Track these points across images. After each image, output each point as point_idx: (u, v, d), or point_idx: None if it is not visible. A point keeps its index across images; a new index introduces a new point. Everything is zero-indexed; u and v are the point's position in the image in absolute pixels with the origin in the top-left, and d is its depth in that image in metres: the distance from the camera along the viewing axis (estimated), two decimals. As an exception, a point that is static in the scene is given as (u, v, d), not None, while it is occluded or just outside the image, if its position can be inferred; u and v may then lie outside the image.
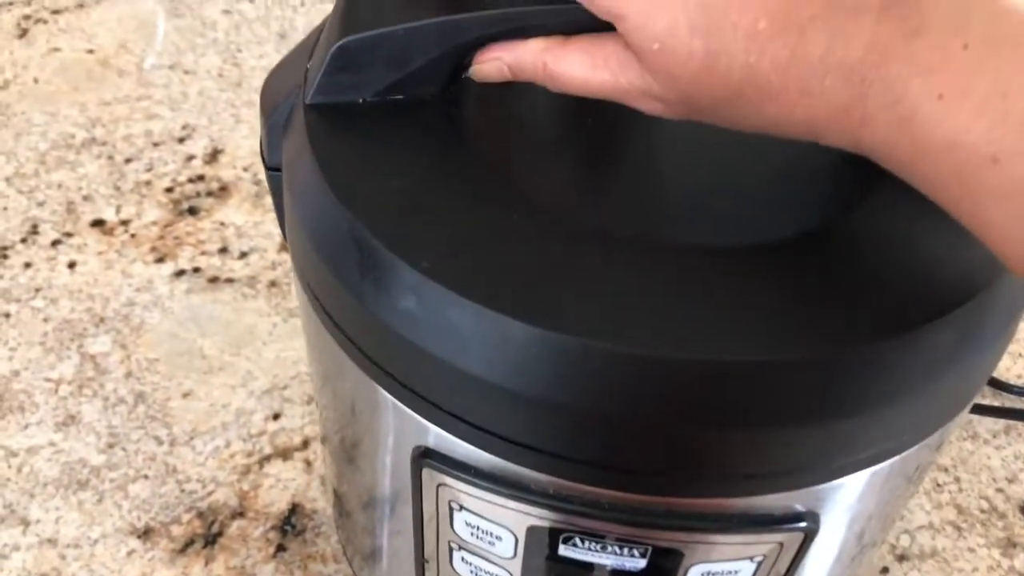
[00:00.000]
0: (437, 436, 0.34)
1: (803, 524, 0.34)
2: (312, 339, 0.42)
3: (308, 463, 0.62)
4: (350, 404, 0.40)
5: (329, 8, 1.08)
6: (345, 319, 0.36)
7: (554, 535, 0.35)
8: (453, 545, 0.38)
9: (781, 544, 0.35)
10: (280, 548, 0.58)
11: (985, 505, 0.62)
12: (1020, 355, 0.72)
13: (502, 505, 0.34)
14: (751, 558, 0.35)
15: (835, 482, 0.35)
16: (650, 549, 0.34)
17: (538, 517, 0.34)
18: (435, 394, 0.33)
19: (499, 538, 0.36)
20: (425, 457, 0.35)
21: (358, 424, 0.40)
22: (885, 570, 0.59)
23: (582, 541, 0.34)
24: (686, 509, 0.33)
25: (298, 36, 1.00)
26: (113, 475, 0.61)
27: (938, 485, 0.63)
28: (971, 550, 0.60)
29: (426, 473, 0.35)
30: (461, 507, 0.36)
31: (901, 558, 0.60)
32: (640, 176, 0.38)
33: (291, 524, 0.59)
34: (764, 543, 0.34)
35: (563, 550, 0.35)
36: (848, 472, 0.34)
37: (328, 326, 0.37)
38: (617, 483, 0.33)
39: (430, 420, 0.34)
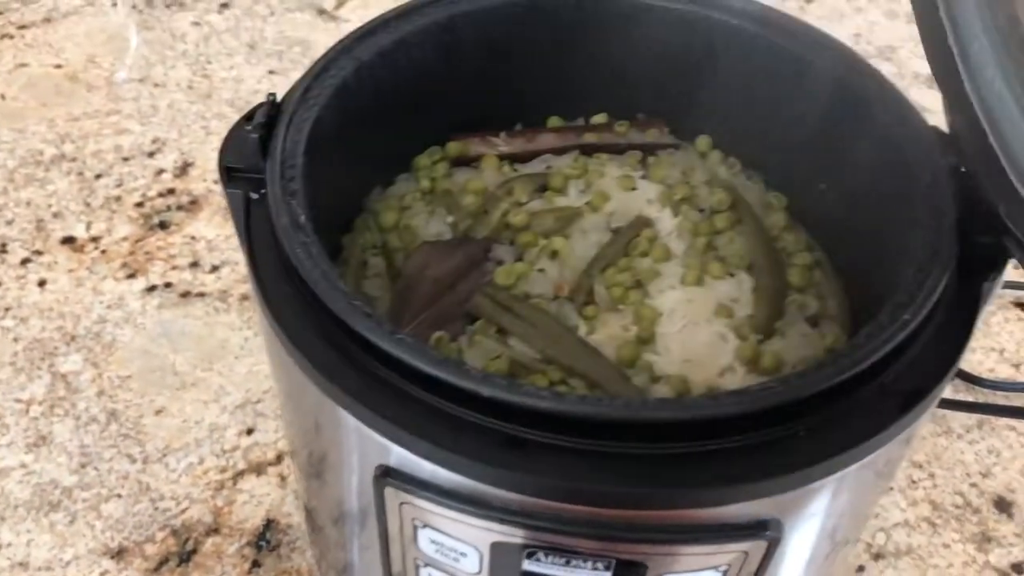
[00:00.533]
0: (398, 455, 0.34)
1: (767, 532, 0.34)
2: (273, 356, 0.41)
3: (282, 478, 0.62)
4: (313, 421, 0.39)
5: (299, 17, 1.07)
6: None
7: (518, 551, 0.34)
8: (419, 562, 0.38)
9: (746, 553, 0.35)
10: (255, 564, 0.58)
11: (959, 500, 0.63)
12: (992, 349, 0.72)
13: (465, 522, 0.34)
14: (716, 567, 0.35)
15: (800, 489, 0.35)
16: (614, 562, 0.34)
17: (501, 533, 0.34)
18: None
19: (464, 555, 0.36)
20: (386, 476, 0.35)
21: (322, 441, 0.40)
22: (861, 569, 0.59)
23: (546, 556, 0.34)
24: (647, 521, 0.33)
25: (268, 46, 0.99)
26: (85, 495, 0.61)
27: (913, 482, 0.64)
28: (946, 546, 0.60)
29: (388, 492, 0.35)
30: (425, 525, 0.36)
31: (877, 556, 0.60)
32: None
33: (266, 540, 0.59)
34: (728, 552, 0.34)
35: (528, 565, 0.35)
36: (813, 480, 0.34)
37: (287, 345, 0.37)
38: (579, 497, 0.33)
39: (391, 439, 0.34)
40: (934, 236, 0.40)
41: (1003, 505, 0.62)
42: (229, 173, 0.43)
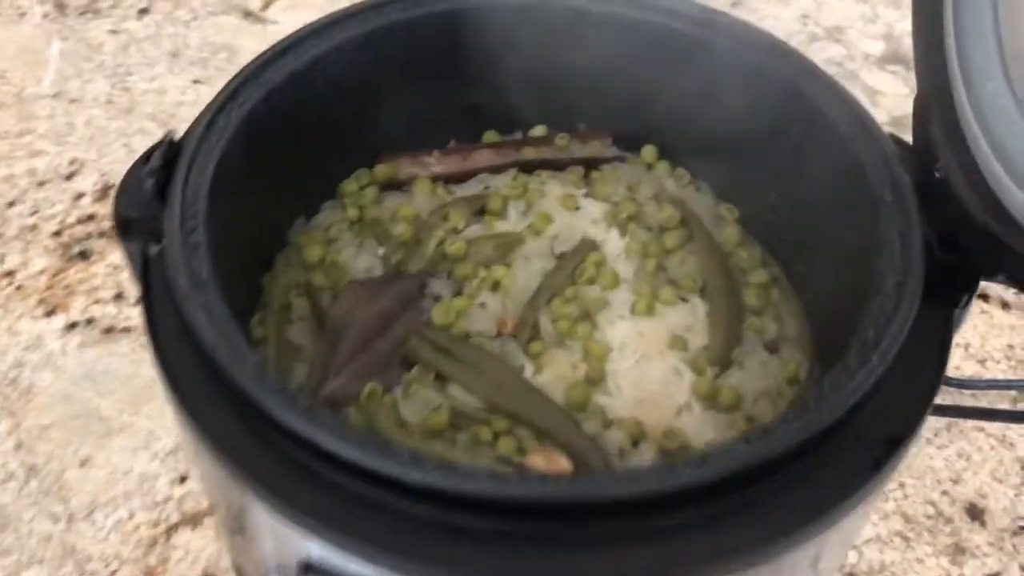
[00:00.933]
0: (320, 549, 0.30)
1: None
2: (179, 426, 0.37)
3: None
4: (227, 502, 0.35)
5: (224, 21, 1.02)
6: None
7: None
8: (353, 655, 0.34)
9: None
10: (193, 628, 0.54)
11: (931, 511, 0.60)
12: (957, 344, 0.70)
13: (399, 619, 0.30)
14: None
15: (770, 563, 0.31)
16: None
17: (440, 630, 0.30)
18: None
19: (401, 651, 0.32)
20: (308, 572, 0.31)
21: (239, 521, 0.36)
22: (834, 590, 0.57)
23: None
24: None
25: (191, 54, 0.94)
26: (4, 562, 0.56)
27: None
28: (920, 561, 0.58)
29: (312, 589, 0.31)
30: (357, 619, 0.32)
31: (849, 576, 0.57)
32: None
33: (203, 600, 0.55)
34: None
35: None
36: (782, 551, 0.31)
37: (190, 422, 0.33)
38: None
39: (310, 532, 0.30)
40: (901, 262, 0.37)
41: (975, 512, 0.60)
42: (124, 224, 0.38)
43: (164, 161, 0.38)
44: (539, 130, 0.54)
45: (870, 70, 0.95)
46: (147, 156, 0.40)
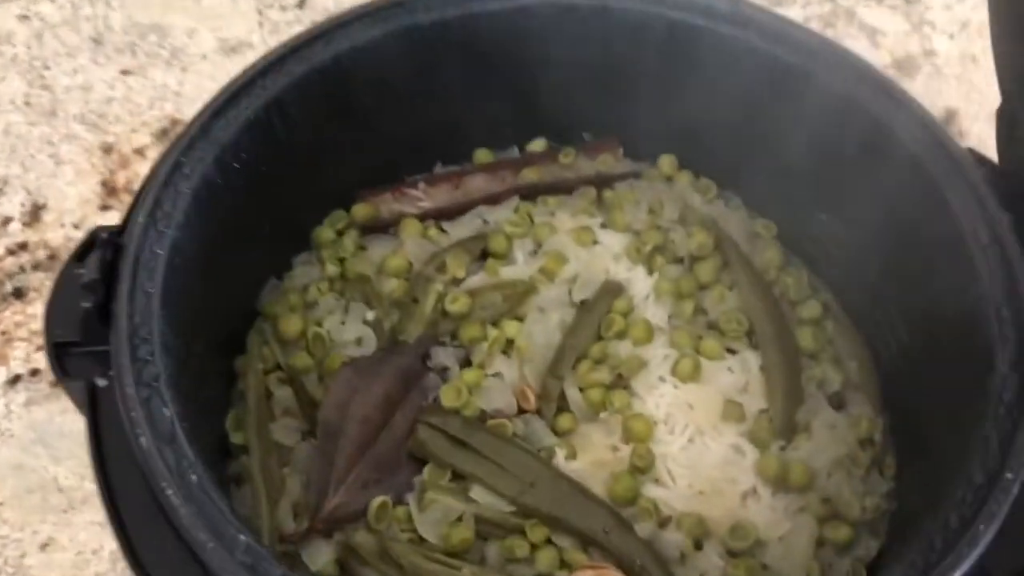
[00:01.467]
0: None
1: None
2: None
3: (210, 613, 0.52)
4: None
5: (148, -3, 0.89)
6: None
7: None
8: None
9: None
10: None
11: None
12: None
13: None
14: None
15: None
16: None
17: None
18: None
19: None
20: None
21: None
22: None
23: None
24: None
25: (116, 38, 0.83)
26: (-33, 676, 0.50)
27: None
28: None
29: None
30: None
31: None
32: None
33: None
34: None
35: None
36: None
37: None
38: None
39: None
40: (1013, 331, 0.30)
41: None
42: (59, 352, 0.31)
43: (101, 272, 0.31)
44: (538, 144, 0.47)
45: (867, 4, 0.88)
46: (80, 254, 0.33)
